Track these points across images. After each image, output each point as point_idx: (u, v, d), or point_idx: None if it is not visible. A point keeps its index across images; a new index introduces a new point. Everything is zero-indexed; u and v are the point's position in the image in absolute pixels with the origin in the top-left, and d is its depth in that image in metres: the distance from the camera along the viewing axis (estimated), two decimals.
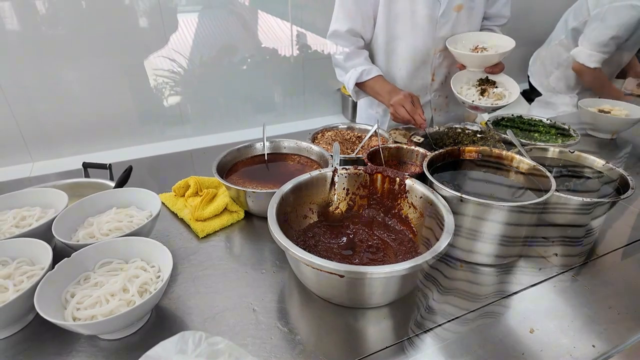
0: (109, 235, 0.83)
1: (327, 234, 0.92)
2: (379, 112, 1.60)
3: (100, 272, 0.74)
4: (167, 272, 0.69)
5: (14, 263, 0.75)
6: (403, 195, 0.91)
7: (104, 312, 0.64)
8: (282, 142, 1.17)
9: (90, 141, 2.30)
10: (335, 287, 0.72)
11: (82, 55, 2.17)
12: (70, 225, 0.86)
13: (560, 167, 1.09)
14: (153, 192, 0.94)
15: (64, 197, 0.93)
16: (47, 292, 0.65)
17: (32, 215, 0.89)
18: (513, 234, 0.83)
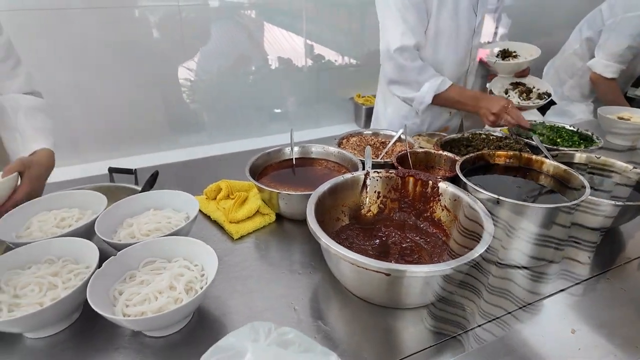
0: (149, 235, 0.84)
1: (360, 236, 0.93)
2: (417, 122, 1.60)
3: (144, 270, 0.75)
4: (212, 270, 0.70)
5: (59, 262, 0.76)
6: (436, 198, 0.92)
7: (152, 309, 0.65)
8: (310, 147, 1.19)
9: (114, 147, 2.33)
10: (376, 286, 0.72)
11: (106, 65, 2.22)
12: (110, 226, 0.87)
13: (587, 171, 1.09)
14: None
15: (102, 199, 0.94)
16: (97, 289, 0.67)
17: (72, 216, 0.91)
18: (548, 236, 0.83)
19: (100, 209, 0.90)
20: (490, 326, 0.73)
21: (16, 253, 0.75)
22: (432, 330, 0.73)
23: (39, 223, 0.88)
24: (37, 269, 0.74)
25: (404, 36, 1.35)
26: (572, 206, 0.81)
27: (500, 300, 0.79)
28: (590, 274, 0.86)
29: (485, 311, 0.76)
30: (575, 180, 0.90)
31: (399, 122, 1.62)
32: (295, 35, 2.82)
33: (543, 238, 0.83)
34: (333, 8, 2.86)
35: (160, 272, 0.74)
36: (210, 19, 2.53)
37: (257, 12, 2.67)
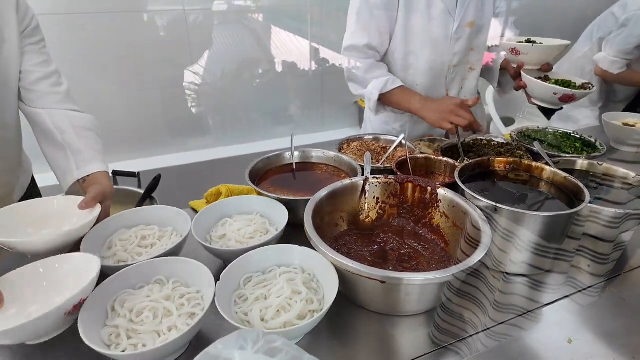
0: (250, 240, 0.85)
1: (359, 242, 0.93)
2: (396, 128, 1.60)
3: (249, 288, 0.73)
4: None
5: (170, 283, 0.73)
6: (435, 204, 0.92)
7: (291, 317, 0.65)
8: (311, 152, 1.20)
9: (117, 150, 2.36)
10: (374, 293, 0.72)
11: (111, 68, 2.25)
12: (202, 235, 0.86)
13: (589, 179, 1.09)
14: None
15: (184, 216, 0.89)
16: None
17: (153, 234, 0.88)
18: (547, 244, 0.83)
19: (182, 226, 0.87)
20: (488, 334, 0.73)
21: (126, 273, 0.72)
22: (429, 338, 0.72)
23: (121, 242, 0.85)
24: (149, 290, 0.71)
25: (353, 35, 1.38)
26: (571, 214, 0.80)
27: (498, 309, 0.79)
28: (591, 283, 0.85)
29: (483, 319, 0.76)
30: (575, 187, 0.89)
31: (380, 127, 1.63)
32: (300, 38, 2.84)
33: (542, 246, 0.82)
34: (338, 12, 2.87)
35: (266, 285, 0.73)
36: (216, 24, 2.55)
37: (263, 16, 2.69)
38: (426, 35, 1.36)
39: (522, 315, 0.77)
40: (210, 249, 0.80)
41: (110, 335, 0.63)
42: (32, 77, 1.02)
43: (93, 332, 0.62)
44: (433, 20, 1.34)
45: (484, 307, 0.79)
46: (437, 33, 1.36)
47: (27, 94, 1.03)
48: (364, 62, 1.40)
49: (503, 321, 0.75)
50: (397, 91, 1.39)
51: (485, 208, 0.82)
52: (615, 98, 2.38)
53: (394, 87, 1.38)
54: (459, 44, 1.40)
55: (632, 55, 2.04)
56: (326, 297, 0.71)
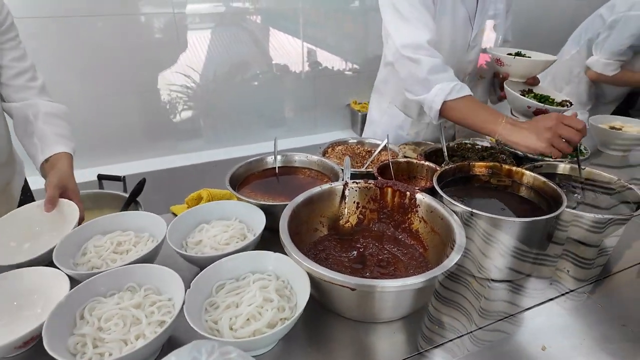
0: (226, 247, 0.84)
1: (338, 247, 0.92)
2: (411, 134, 1.54)
3: (220, 295, 0.72)
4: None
5: (142, 290, 0.72)
6: (413, 209, 0.91)
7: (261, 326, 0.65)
8: (294, 156, 1.19)
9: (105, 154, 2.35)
10: (347, 300, 0.72)
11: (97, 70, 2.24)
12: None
13: (571, 183, 1.08)
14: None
15: (158, 221, 0.89)
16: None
17: (129, 240, 0.87)
18: (524, 250, 0.82)
19: (157, 231, 0.87)
20: (462, 341, 0.73)
21: (97, 280, 0.71)
22: (403, 345, 0.72)
23: (96, 249, 0.84)
24: (119, 298, 0.70)
25: (412, 31, 1.21)
26: (548, 220, 0.80)
27: (474, 314, 0.78)
28: (568, 289, 0.85)
29: (456, 326, 0.76)
30: (554, 192, 0.89)
31: (394, 132, 1.56)
32: (292, 41, 2.84)
33: (518, 252, 0.82)
34: (330, 13, 2.87)
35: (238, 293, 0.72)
36: (206, 26, 2.55)
37: (255, 19, 2.69)
38: (451, 40, 1.33)
39: (499, 322, 0.77)
40: (184, 255, 0.79)
41: (76, 344, 0.62)
42: (9, 73, 1.05)
43: (58, 342, 0.61)
44: (456, 25, 1.32)
45: (460, 314, 0.79)
46: (459, 39, 1.35)
47: (4, 89, 1.06)
48: (428, 60, 1.19)
49: (478, 328, 0.75)
50: (465, 101, 1.17)
51: (462, 213, 0.82)
52: (604, 100, 2.39)
53: (461, 95, 1.17)
54: (474, 52, 1.40)
55: (625, 57, 2.03)
56: (298, 304, 0.70)
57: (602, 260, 0.94)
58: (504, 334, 0.74)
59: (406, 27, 1.22)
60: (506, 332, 0.74)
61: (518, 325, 0.76)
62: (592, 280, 0.88)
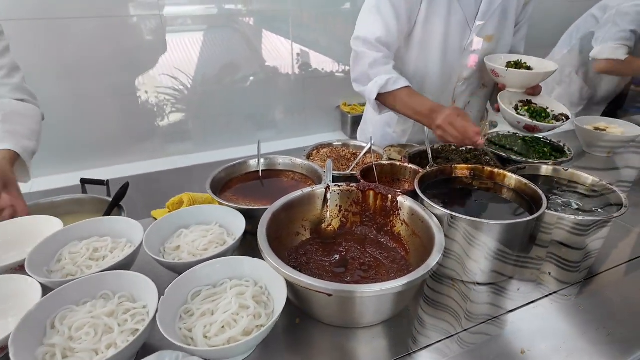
0: (204, 252, 0.83)
1: (320, 251, 0.91)
2: (397, 131, 1.53)
3: (196, 302, 0.71)
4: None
5: (115, 298, 0.71)
6: (395, 212, 0.91)
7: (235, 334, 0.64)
8: (277, 159, 1.18)
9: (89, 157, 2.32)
10: (325, 306, 0.71)
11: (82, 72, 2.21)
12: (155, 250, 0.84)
13: (554, 184, 1.09)
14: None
15: (135, 226, 0.88)
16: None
17: (105, 246, 0.85)
18: (505, 252, 0.82)
19: (135, 236, 0.86)
20: (441, 345, 0.72)
21: (69, 287, 0.70)
22: (383, 350, 0.71)
23: (71, 255, 0.82)
24: (92, 306, 0.68)
25: (366, 26, 1.27)
26: (528, 222, 0.80)
27: (456, 318, 0.78)
28: (550, 291, 0.85)
29: (437, 330, 0.75)
30: (535, 194, 0.89)
31: (382, 129, 1.57)
32: (282, 43, 2.83)
33: (499, 254, 0.81)
34: (320, 16, 2.87)
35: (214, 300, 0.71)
36: (195, 28, 2.53)
37: (245, 21, 2.68)
38: (442, 42, 1.30)
39: (480, 325, 0.76)
40: (160, 261, 0.78)
41: (45, 355, 0.61)
42: None
43: (26, 352, 0.59)
44: (451, 27, 1.29)
45: (441, 318, 0.78)
46: (452, 42, 1.31)
47: None
48: (370, 54, 1.26)
49: (456, 332, 0.74)
50: (401, 94, 1.24)
51: (442, 216, 0.82)
52: (595, 100, 2.40)
53: (396, 88, 1.24)
54: (473, 57, 1.36)
55: (630, 42, 1.98)
56: (275, 310, 0.69)
57: (588, 263, 0.94)
58: (484, 336, 0.74)
59: (364, 22, 1.29)
60: (487, 335, 0.74)
61: (499, 328, 0.76)
62: (572, 282, 0.87)
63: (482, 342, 0.73)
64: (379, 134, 1.59)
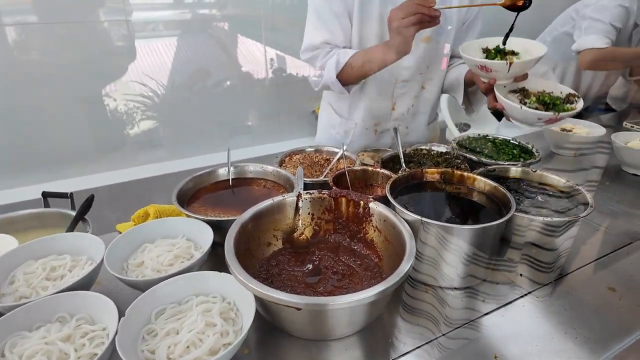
0: (169, 268, 0.79)
1: (292, 261, 0.89)
2: (340, 132, 1.54)
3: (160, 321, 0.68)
4: None
5: (73, 321, 0.67)
6: (368, 218, 0.90)
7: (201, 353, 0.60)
8: (248, 167, 1.15)
9: (51, 169, 2.21)
10: (296, 320, 0.69)
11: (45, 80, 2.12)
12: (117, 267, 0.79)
13: (523, 186, 1.10)
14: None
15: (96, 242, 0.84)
16: None
17: (64, 265, 0.80)
18: (476, 256, 0.82)
19: (97, 253, 0.81)
20: (414, 354, 0.71)
21: (21, 312, 0.65)
22: None
23: (25, 276, 0.77)
24: (46, 331, 0.64)
25: (311, 34, 1.31)
26: (498, 225, 0.80)
27: (425, 327, 0.77)
28: (521, 294, 0.85)
29: (410, 339, 0.74)
30: (504, 197, 0.89)
31: (327, 131, 1.58)
32: (255, 48, 2.80)
33: (470, 258, 0.81)
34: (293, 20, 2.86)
35: (179, 318, 0.68)
36: (167, 34, 2.47)
37: (217, 25, 2.64)
38: (378, 44, 1.27)
39: (451, 332, 0.75)
40: (123, 279, 0.74)
41: None
42: None
43: None
44: (386, 29, 1.23)
45: (413, 325, 0.77)
46: None
47: None
48: (319, 54, 1.31)
49: (431, 339, 0.74)
50: (354, 57, 1.25)
51: (413, 222, 0.81)
52: None
53: (348, 57, 1.25)
54: (411, 59, 1.33)
55: (611, 35, 1.98)
56: (244, 327, 0.67)
57: (558, 263, 0.95)
58: (458, 344, 0.73)
59: (309, 33, 1.32)
60: (460, 341, 0.73)
61: (473, 333, 0.75)
62: (543, 283, 0.88)
63: (456, 348, 0.72)
64: (324, 136, 1.60)
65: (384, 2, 1.25)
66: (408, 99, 1.45)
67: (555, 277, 0.91)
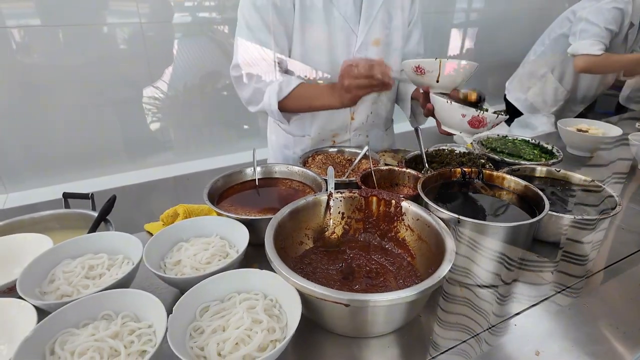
0: (207, 266, 0.79)
1: (325, 259, 0.90)
2: (297, 151, 1.44)
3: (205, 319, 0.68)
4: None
5: (118, 318, 0.67)
6: (399, 217, 0.90)
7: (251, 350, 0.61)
8: (274, 167, 1.16)
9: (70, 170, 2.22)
10: (339, 316, 0.69)
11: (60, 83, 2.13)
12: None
13: (548, 186, 1.11)
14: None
15: (134, 241, 0.84)
16: None
17: (101, 264, 0.81)
18: (510, 254, 0.83)
19: (133, 252, 0.82)
20: (454, 351, 0.71)
21: (68, 309, 0.65)
22: (397, 358, 0.70)
23: (65, 274, 0.77)
24: (94, 328, 0.65)
25: (244, 49, 1.24)
26: (532, 224, 0.81)
27: (463, 324, 0.77)
28: (554, 291, 0.86)
29: (448, 336, 0.74)
30: (535, 196, 0.90)
31: (281, 151, 1.50)
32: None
33: (505, 256, 0.82)
34: None
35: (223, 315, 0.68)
36: (175, 36, 2.48)
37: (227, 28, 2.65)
38: (326, 52, 1.23)
39: (489, 330, 0.76)
40: (163, 277, 0.74)
41: None
42: None
43: None
44: (334, 36, 1.21)
45: (451, 323, 0.78)
46: (338, 51, 1.23)
47: None
48: (252, 71, 1.23)
49: (469, 337, 0.74)
50: (298, 90, 1.20)
51: (448, 220, 0.81)
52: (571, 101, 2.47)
53: (292, 88, 1.19)
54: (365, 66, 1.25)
55: (605, 40, 2.01)
56: (289, 324, 0.67)
57: (582, 260, 0.96)
58: (496, 341, 0.73)
59: (240, 47, 1.24)
60: (499, 339, 0.74)
61: (510, 330, 0.76)
62: (576, 281, 0.89)
63: (495, 346, 0.72)
64: (279, 157, 1.53)
65: (327, 7, 1.19)
66: (366, 107, 1.39)
67: (586, 275, 0.91)
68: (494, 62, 3.31)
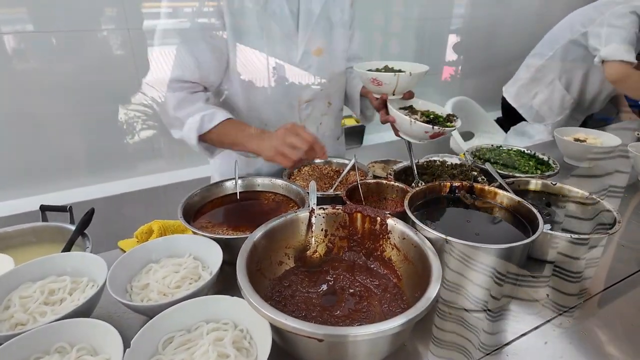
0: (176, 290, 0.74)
1: (305, 281, 0.84)
2: (249, 171, 1.36)
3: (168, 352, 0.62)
4: None
5: (73, 351, 0.61)
6: (385, 235, 0.85)
7: None
8: (256, 180, 1.11)
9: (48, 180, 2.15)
10: (315, 351, 0.63)
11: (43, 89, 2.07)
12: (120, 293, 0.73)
13: (543, 200, 1.06)
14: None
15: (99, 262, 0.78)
16: None
17: (63, 287, 0.75)
18: (502, 276, 0.77)
19: (98, 274, 0.76)
20: None
21: (16, 343, 0.60)
22: None
23: (22, 300, 0.72)
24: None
25: (173, 67, 1.18)
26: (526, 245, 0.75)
27: (453, 352, 0.72)
28: (550, 315, 0.80)
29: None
30: (529, 213, 0.85)
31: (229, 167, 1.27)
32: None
33: (496, 278, 0.76)
34: None
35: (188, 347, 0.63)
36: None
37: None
38: (265, 63, 1.18)
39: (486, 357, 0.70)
40: (127, 304, 0.69)
41: None
42: None
43: None
44: (273, 47, 1.17)
45: (440, 350, 0.72)
46: (279, 61, 1.18)
47: None
48: (172, 96, 1.14)
49: None
50: (222, 128, 1.11)
51: (435, 240, 0.76)
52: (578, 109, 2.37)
53: (215, 124, 1.10)
54: (309, 75, 1.23)
55: (635, 45, 1.87)
56: (259, 358, 0.61)
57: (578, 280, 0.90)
58: None
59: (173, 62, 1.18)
60: None
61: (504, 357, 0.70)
62: (572, 304, 0.83)
63: None
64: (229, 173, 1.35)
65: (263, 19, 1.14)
66: (316, 119, 1.33)
67: (583, 297, 0.86)
68: (490, 67, 3.28)
